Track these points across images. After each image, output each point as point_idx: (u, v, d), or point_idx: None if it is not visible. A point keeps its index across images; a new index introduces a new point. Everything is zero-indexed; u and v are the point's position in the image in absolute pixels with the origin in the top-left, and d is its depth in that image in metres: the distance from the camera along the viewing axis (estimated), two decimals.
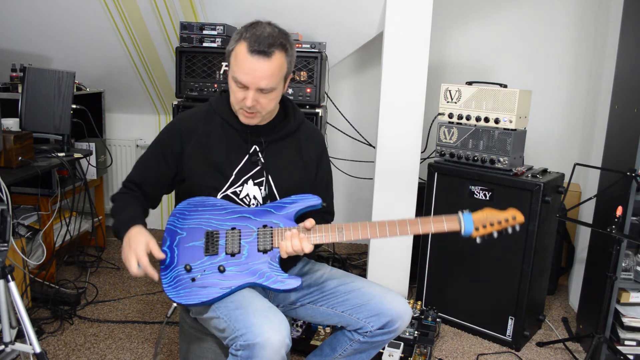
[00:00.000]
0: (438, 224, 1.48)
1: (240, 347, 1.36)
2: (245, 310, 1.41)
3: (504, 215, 1.48)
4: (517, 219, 1.48)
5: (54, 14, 2.89)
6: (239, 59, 1.48)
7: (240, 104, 1.52)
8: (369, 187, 2.85)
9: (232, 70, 1.51)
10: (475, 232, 1.48)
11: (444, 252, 2.57)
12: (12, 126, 2.48)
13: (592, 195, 2.36)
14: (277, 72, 1.50)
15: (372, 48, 3.15)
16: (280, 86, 1.54)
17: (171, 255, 1.55)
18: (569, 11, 3.11)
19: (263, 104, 1.52)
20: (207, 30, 2.60)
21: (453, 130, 2.50)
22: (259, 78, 1.47)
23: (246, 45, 1.46)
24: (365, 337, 1.61)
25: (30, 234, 2.84)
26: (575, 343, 2.47)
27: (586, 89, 3.14)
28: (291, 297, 1.69)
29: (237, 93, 1.51)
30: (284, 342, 1.35)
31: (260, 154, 1.61)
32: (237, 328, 1.38)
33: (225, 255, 1.53)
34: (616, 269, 2.09)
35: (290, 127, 1.66)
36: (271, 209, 1.57)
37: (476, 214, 1.48)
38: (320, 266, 1.76)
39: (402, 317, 1.58)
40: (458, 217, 1.48)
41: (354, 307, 1.61)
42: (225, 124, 1.62)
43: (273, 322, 1.37)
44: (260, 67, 1.46)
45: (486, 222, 1.48)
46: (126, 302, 2.70)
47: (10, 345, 1.75)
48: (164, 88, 3.39)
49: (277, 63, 1.49)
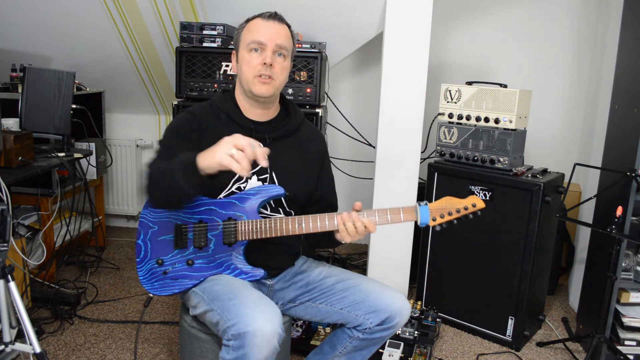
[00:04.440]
0: (395, 215, 1.51)
1: (231, 337, 1.36)
2: (238, 301, 1.41)
3: (462, 203, 1.50)
4: (477, 206, 1.49)
5: (54, 14, 2.89)
6: (254, 27, 1.59)
7: (257, 68, 1.56)
8: (369, 187, 2.85)
9: (246, 39, 1.59)
10: (432, 222, 1.50)
11: (444, 252, 2.57)
12: (12, 126, 2.48)
13: (592, 195, 2.36)
14: (289, 39, 1.62)
15: (372, 48, 3.15)
16: (289, 59, 1.63)
17: (144, 249, 1.62)
18: (569, 11, 3.11)
19: (277, 70, 1.58)
20: (207, 30, 2.60)
21: (453, 130, 2.50)
22: (277, 34, 1.57)
23: (259, 17, 1.60)
24: (364, 334, 1.62)
25: (30, 234, 2.84)
26: (575, 343, 2.47)
27: (586, 89, 3.14)
28: (290, 295, 1.70)
29: (253, 59, 1.57)
30: (275, 331, 1.34)
31: None
32: (229, 318, 1.39)
33: (193, 249, 1.59)
34: (616, 269, 2.09)
35: (292, 125, 1.70)
36: (235, 200, 1.58)
37: (433, 204, 1.50)
38: (319, 264, 1.77)
39: (401, 312, 1.59)
40: (415, 208, 1.50)
41: (352, 303, 1.61)
42: (230, 121, 1.63)
43: (264, 311, 1.37)
44: (276, 27, 1.58)
45: (444, 211, 1.49)
46: (126, 302, 2.70)
47: (10, 345, 1.75)
48: (164, 88, 3.39)
49: (288, 31, 1.62)
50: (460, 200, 1.50)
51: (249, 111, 1.66)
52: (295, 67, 2.51)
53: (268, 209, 1.66)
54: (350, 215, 1.50)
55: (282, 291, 1.72)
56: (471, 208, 1.49)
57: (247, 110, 1.66)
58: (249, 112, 1.66)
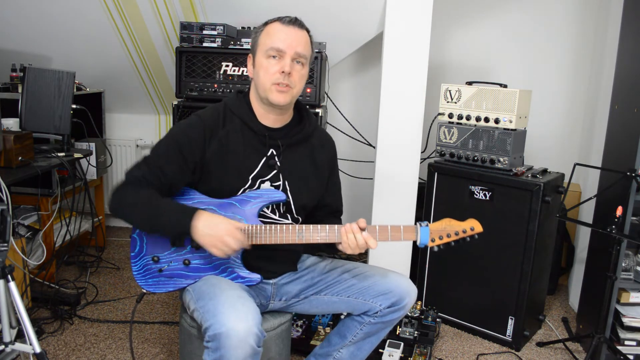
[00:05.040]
0: (395, 233, 1.52)
1: (209, 338, 1.35)
2: (217, 301, 1.40)
3: (462, 226, 1.52)
4: (476, 230, 1.52)
5: (54, 14, 2.89)
6: (273, 32, 1.53)
7: (275, 76, 1.52)
8: (369, 187, 2.85)
9: (265, 44, 1.53)
10: (431, 242, 1.52)
11: (443, 252, 2.54)
12: (12, 126, 2.48)
13: (592, 195, 2.36)
14: (309, 46, 1.57)
15: (372, 48, 3.15)
16: (307, 66, 1.59)
17: (140, 244, 1.60)
18: (569, 11, 3.11)
19: (295, 78, 1.54)
20: (207, 30, 2.60)
21: (453, 130, 2.50)
22: (296, 42, 1.52)
23: (278, 21, 1.54)
24: (376, 318, 1.63)
25: (30, 234, 2.83)
26: (575, 343, 2.47)
27: (586, 89, 3.14)
28: (295, 289, 1.70)
29: (271, 67, 1.52)
30: (249, 330, 1.31)
31: (277, 157, 1.62)
32: (207, 319, 1.38)
33: (190, 248, 1.58)
34: (616, 269, 2.09)
35: (306, 132, 1.67)
36: (236, 202, 1.57)
37: (434, 225, 1.52)
38: (323, 259, 1.79)
39: (409, 293, 1.62)
40: (415, 229, 1.52)
41: (360, 290, 1.63)
42: (244, 126, 1.60)
43: (240, 310, 1.35)
44: (296, 33, 1.53)
45: (443, 233, 1.52)
46: (126, 302, 2.70)
47: (10, 345, 1.75)
48: (164, 88, 3.39)
49: (307, 38, 1.57)
50: (460, 223, 1.52)
51: (263, 117, 1.61)
52: None
53: (276, 214, 1.64)
54: (351, 226, 1.49)
55: (287, 285, 1.71)
56: (469, 232, 1.52)
57: (261, 116, 1.62)
58: (263, 117, 1.62)
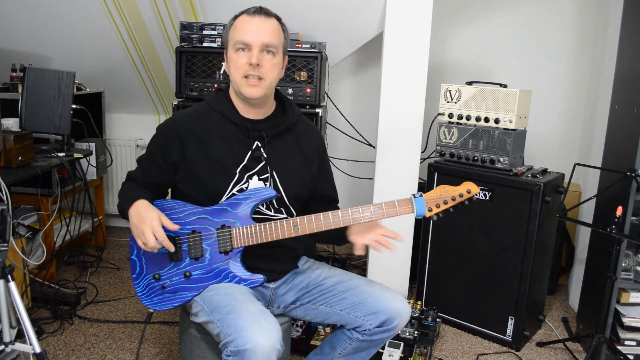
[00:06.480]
0: (390, 209, 1.50)
1: (230, 353, 1.35)
2: (237, 315, 1.39)
3: (457, 190, 1.49)
4: (472, 191, 1.49)
5: (54, 14, 2.89)
6: (239, 25, 1.54)
7: (243, 68, 1.52)
8: (369, 187, 2.85)
9: (233, 39, 1.55)
10: (429, 212, 1.49)
11: (443, 252, 2.57)
12: (12, 126, 2.48)
13: (592, 195, 2.36)
14: (277, 34, 1.55)
15: (372, 48, 3.15)
16: (280, 55, 1.58)
17: (140, 265, 1.60)
18: (569, 11, 3.11)
19: (267, 68, 1.53)
20: (207, 30, 2.60)
21: (453, 130, 2.50)
22: (262, 33, 1.51)
23: (245, 13, 1.55)
24: (364, 336, 1.61)
25: (30, 234, 2.84)
26: (575, 343, 2.47)
27: (586, 89, 3.14)
28: (291, 297, 1.69)
29: (240, 59, 1.53)
30: (274, 347, 1.33)
31: (262, 149, 1.61)
32: (229, 333, 1.37)
33: (189, 260, 1.57)
34: (616, 269, 2.09)
35: (290, 121, 1.67)
36: (227, 207, 1.56)
37: (429, 194, 1.49)
38: (319, 265, 1.76)
39: (400, 315, 1.58)
40: (410, 200, 1.49)
41: (352, 305, 1.61)
42: (226, 120, 1.60)
43: (264, 327, 1.35)
44: (261, 23, 1.52)
45: (439, 200, 1.49)
46: (126, 302, 2.70)
47: (10, 345, 1.75)
48: (164, 88, 3.39)
49: (276, 25, 1.56)
50: (455, 188, 1.49)
51: (244, 110, 1.62)
52: (295, 67, 2.51)
53: (271, 210, 1.64)
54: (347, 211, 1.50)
55: (284, 295, 1.70)
56: (466, 194, 1.48)
57: (242, 110, 1.63)
58: (244, 111, 1.62)
